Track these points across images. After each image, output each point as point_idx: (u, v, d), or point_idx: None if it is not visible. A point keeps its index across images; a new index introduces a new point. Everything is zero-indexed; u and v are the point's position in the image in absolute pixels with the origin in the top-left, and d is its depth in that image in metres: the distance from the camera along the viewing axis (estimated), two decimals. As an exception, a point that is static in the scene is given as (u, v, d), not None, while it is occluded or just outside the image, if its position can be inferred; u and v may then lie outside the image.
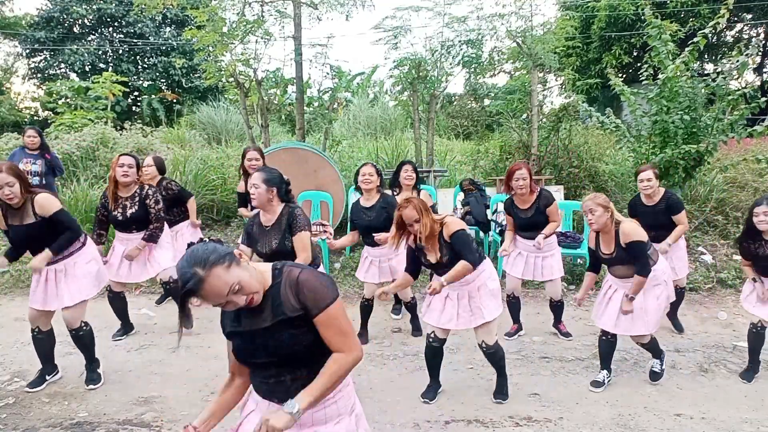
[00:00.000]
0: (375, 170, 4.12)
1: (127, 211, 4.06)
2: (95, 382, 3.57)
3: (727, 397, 3.47)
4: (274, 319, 1.60)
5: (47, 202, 3.25)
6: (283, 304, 1.59)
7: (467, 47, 7.29)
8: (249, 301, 1.56)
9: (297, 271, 1.62)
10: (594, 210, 3.25)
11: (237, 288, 1.52)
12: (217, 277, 1.48)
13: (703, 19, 12.81)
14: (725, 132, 5.78)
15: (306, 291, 1.58)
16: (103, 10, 20.48)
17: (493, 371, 3.43)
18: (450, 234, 3.05)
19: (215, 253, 1.51)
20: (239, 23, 7.12)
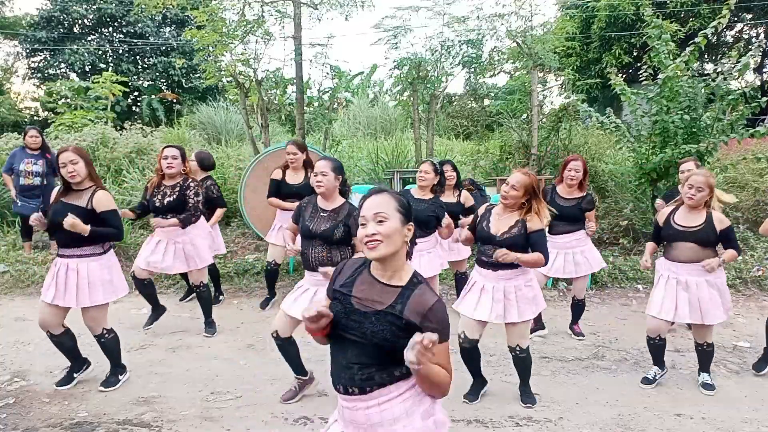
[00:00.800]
0: (433, 169, 4.16)
1: (165, 199, 4.11)
2: (109, 386, 3.53)
3: (727, 397, 3.47)
4: (390, 309, 1.63)
5: (106, 199, 3.31)
6: (407, 307, 1.63)
7: (467, 47, 7.30)
8: (373, 239, 1.61)
9: (434, 296, 1.66)
10: (702, 188, 3.28)
11: (382, 219, 1.63)
12: (385, 199, 1.66)
13: (703, 19, 12.80)
14: (725, 132, 5.78)
15: (433, 318, 1.62)
16: (103, 10, 20.47)
17: (494, 371, 3.43)
18: (534, 229, 3.09)
19: (404, 198, 1.72)
20: (239, 23, 7.12)
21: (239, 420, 3.17)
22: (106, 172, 7.98)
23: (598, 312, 5.19)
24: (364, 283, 1.70)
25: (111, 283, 3.44)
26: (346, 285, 1.73)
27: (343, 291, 1.71)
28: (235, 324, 4.77)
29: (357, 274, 1.74)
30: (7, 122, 19.09)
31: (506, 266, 3.15)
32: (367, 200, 1.68)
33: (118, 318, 4.63)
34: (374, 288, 1.68)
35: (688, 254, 3.36)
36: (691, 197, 3.30)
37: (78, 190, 3.29)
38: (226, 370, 3.85)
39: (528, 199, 3.11)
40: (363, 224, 1.65)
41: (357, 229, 2.81)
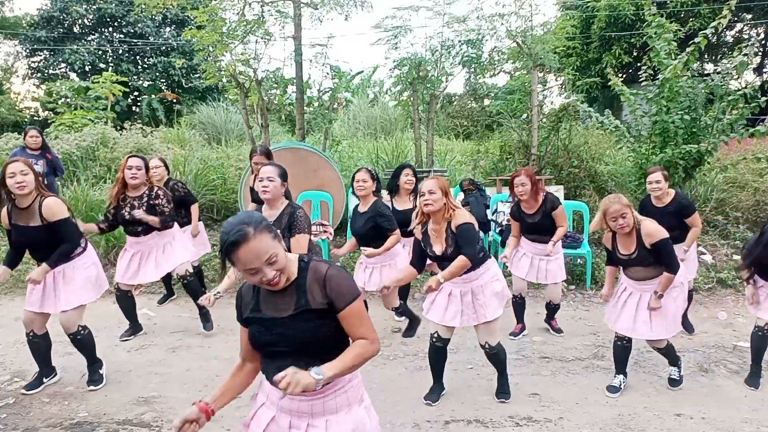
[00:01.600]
0: (370, 175, 4.04)
1: (134, 210, 4.04)
2: (97, 383, 3.56)
3: (727, 397, 3.47)
4: (298, 309, 1.65)
5: (56, 207, 3.20)
6: (309, 295, 1.65)
7: (467, 47, 7.29)
8: (275, 280, 1.60)
9: (324, 266, 1.68)
10: (626, 214, 3.19)
11: (274, 259, 1.57)
12: (261, 240, 1.55)
13: (703, 19, 12.80)
14: (725, 132, 5.78)
15: (333, 286, 1.65)
16: (103, 10, 20.47)
17: (494, 371, 3.42)
18: (457, 225, 3.02)
19: (266, 221, 1.61)
20: (239, 23, 7.12)
21: (239, 420, 3.15)
22: (106, 172, 7.97)
23: (598, 312, 5.18)
24: (267, 296, 1.71)
25: (97, 278, 3.49)
26: (254, 309, 1.73)
27: (255, 315, 1.73)
28: (235, 324, 4.73)
29: (256, 294, 1.74)
30: (7, 122, 19.09)
31: (469, 269, 3.10)
32: (240, 250, 1.53)
33: (118, 318, 4.62)
34: (275, 298, 1.70)
35: (641, 275, 3.36)
36: (621, 227, 3.22)
37: (25, 208, 3.17)
38: (226, 370, 3.81)
39: (447, 198, 3.05)
40: (253, 273, 1.57)
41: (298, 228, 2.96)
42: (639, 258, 3.28)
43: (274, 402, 1.76)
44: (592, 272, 5.70)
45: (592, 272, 5.72)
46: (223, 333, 4.53)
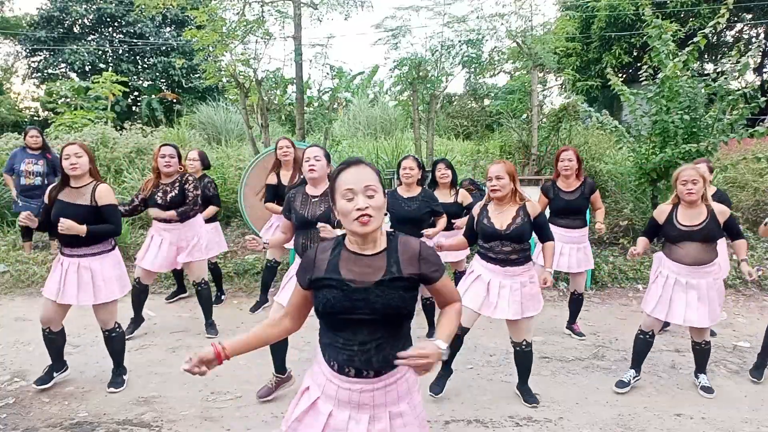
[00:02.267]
0: (416, 163, 4.11)
1: (167, 196, 4.13)
2: (117, 386, 3.52)
3: (727, 397, 3.47)
4: (389, 276, 1.63)
5: (109, 193, 3.33)
6: (401, 263, 1.65)
7: (467, 47, 7.29)
8: (365, 215, 1.58)
9: (416, 241, 1.71)
10: (697, 181, 3.22)
11: (372, 192, 1.60)
12: (369, 172, 1.63)
13: (703, 19, 12.80)
14: (725, 132, 5.78)
15: (428, 258, 1.68)
16: (103, 9, 20.47)
17: (494, 371, 3.42)
18: (537, 213, 3.16)
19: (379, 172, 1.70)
20: (239, 23, 7.12)
21: (239, 420, 3.17)
22: (106, 172, 7.98)
23: (598, 312, 5.19)
24: (349, 261, 1.66)
25: (122, 277, 3.50)
26: (331, 270, 1.66)
27: (333, 277, 1.65)
28: (235, 324, 4.77)
29: (335, 257, 1.68)
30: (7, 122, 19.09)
31: (514, 261, 3.15)
32: (347, 172, 1.62)
33: (120, 318, 4.62)
34: (361, 263, 1.66)
35: (694, 255, 3.28)
36: (690, 192, 3.22)
37: (76, 188, 3.27)
38: (226, 370, 3.83)
39: (513, 185, 3.13)
40: (350, 198, 1.59)
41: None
42: (706, 230, 3.23)
43: (330, 395, 1.69)
44: (592, 272, 5.70)
45: (592, 272, 5.72)
46: (223, 333, 4.53)
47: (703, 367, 3.59)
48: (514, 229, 3.09)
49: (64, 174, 3.25)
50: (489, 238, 3.19)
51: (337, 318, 1.65)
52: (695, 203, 3.27)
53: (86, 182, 3.30)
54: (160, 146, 4.19)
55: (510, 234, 3.10)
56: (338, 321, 1.65)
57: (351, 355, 1.65)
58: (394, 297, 1.62)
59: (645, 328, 3.53)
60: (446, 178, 4.50)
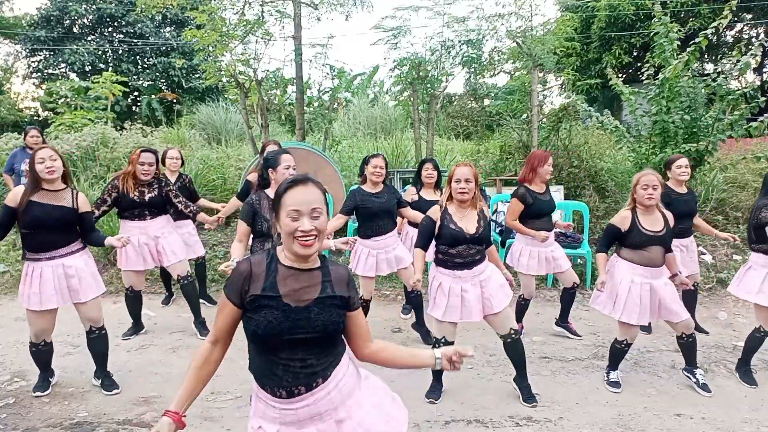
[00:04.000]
0: (385, 163, 4.15)
1: (145, 196, 4.10)
2: (111, 388, 3.50)
3: (727, 397, 3.47)
4: (324, 293, 1.65)
5: (87, 201, 3.38)
6: (334, 283, 1.68)
7: (467, 47, 7.29)
8: (309, 238, 1.59)
9: (343, 266, 1.77)
10: (657, 186, 3.29)
11: (317, 214, 1.62)
12: (315, 192, 1.64)
13: (704, 19, 12.79)
14: (725, 132, 5.78)
15: (353, 285, 1.76)
16: (103, 9, 20.47)
17: (494, 371, 3.42)
18: (488, 216, 3.25)
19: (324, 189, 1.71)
20: (239, 23, 7.12)
21: (239, 420, 3.17)
22: (106, 172, 7.97)
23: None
24: (287, 278, 1.63)
25: (99, 273, 3.53)
26: (269, 288, 1.61)
27: (272, 295, 1.60)
28: (235, 324, 4.76)
29: (273, 272, 1.64)
30: (7, 122, 19.09)
31: (479, 261, 3.20)
32: (294, 190, 1.60)
33: (118, 318, 4.63)
34: (300, 279, 1.64)
35: (659, 258, 3.38)
36: (650, 196, 3.29)
37: (52, 191, 3.22)
38: (226, 370, 3.83)
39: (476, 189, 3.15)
40: (294, 218, 1.58)
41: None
42: (667, 235, 3.35)
43: (291, 420, 1.64)
44: (592, 272, 5.70)
45: (592, 272, 5.72)
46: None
47: (693, 361, 3.57)
48: (482, 232, 3.14)
49: (36, 177, 3.15)
50: (456, 243, 3.15)
51: (276, 339, 1.59)
52: (651, 209, 3.35)
53: (62, 186, 3.27)
54: (141, 152, 4.04)
55: (478, 237, 3.13)
56: (275, 343, 1.60)
57: (294, 373, 1.61)
58: (332, 314, 1.65)
59: (620, 337, 3.52)
60: (431, 178, 4.68)
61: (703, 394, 3.49)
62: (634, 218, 3.38)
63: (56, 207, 3.20)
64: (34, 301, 3.21)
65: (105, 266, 6.02)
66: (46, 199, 3.19)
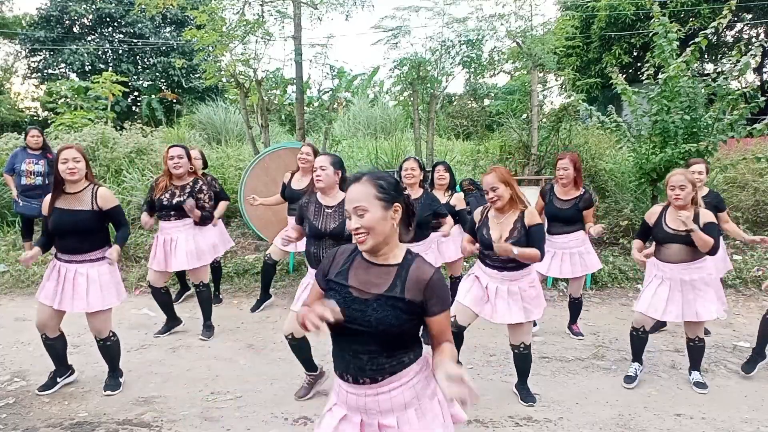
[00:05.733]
0: (418, 164, 4.13)
1: (174, 198, 4.09)
2: (113, 389, 3.50)
3: (727, 397, 3.47)
4: (390, 292, 1.62)
5: (110, 195, 3.30)
6: (407, 285, 1.63)
7: (467, 47, 7.29)
8: (359, 235, 1.60)
9: (431, 269, 1.66)
10: (685, 186, 3.27)
11: (361, 212, 1.60)
12: (362, 190, 1.62)
13: (704, 19, 12.80)
14: (725, 132, 5.78)
15: (436, 290, 1.63)
16: (103, 9, 20.47)
17: (494, 371, 3.42)
18: (533, 223, 3.09)
19: (386, 182, 1.65)
20: (239, 23, 7.12)
21: (239, 420, 3.17)
22: (106, 172, 7.97)
23: (598, 312, 5.19)
24: (359, 268, 1.69)
25: (118, 284, 3.46)
26: (341, 274, 1.70)
27: (339, 281, 1.69)
28: (235, 324, 4.77)
29: (350, 261, 1.72)
30: (7, 122, 19.08)
31: (512, 267, 3.16)
32: (348, 191, 1.67)
33: (118, 318, 4.62)
34: (370, 271, 1.67)
35: (679, 255, 3.38)
36: (677, 197, 3.30)
37: (73, 193, 3.23)
38: (226, 370, 3.84)
39: (511, 191, 3.11)
40: (348, 217, 1.65)
41: None
42: (689, 236, 3.28)
43: (343, 401, 1.72)
44: (592, 272, 5.70)
45: (592, 272, 5.71)
46: (223, 333, 4.54)
47: (697, 365, 3.60)
48: (511, 242, 3.08)
49: (59, 179, 3.18)
50: (487, 248, 3.21)
51: (335, 325, 1.64)
52: (682, 208, 3.34)
53: (83, 186, 3.26)
54: (169, 147, 4.14)
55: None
56: (337, 327, 1.64)
57: (346, 361, 1.68)
58: (389, 315, 1.60)
59: (636, 324, 3.59)
60: (443, 180, 4.61)
61: (698, 391, 3.50)
62: (662, 214, 3.45)
63: (73, 212, 3.18)
64: (48, 295, 3.29)
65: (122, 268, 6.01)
66: (66, 204, 3.21)
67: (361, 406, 1.68)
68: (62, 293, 3.26)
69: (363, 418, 1.70)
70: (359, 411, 1.70)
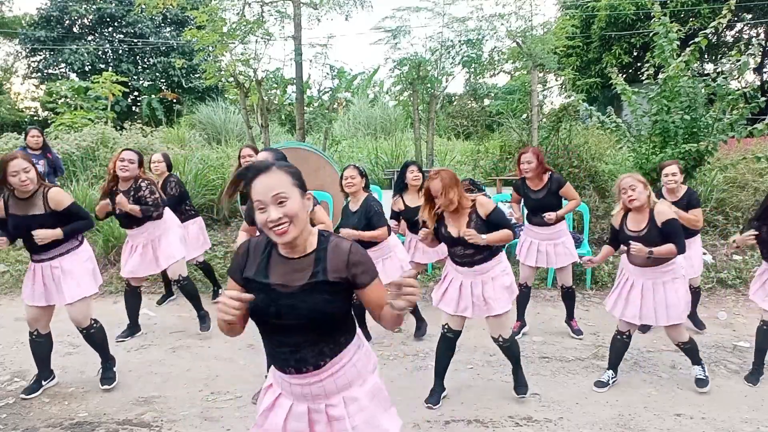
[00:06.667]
0: (358, 172, 4.05)
1: (117, 197, 4.03)
2: (110, 382, 3.52)
3: (727, 397, 3.47)
4: (313, 279, 1.59)
5: (61, 196, 3.25)
6: (328, 267, 1.59)
7: (467, 47, 7.29)
8: (281, 226, 1.51)
9: (347, 243, 1.63)
10: (635, 186, 3.27)
11: (282, 200, 1.51)
12: (277, 177, 1.53)
13: (704, 19, 12.80)
14: (725, 132, 5.78)
15: (358, 261, 1.60)
16: (103, 9, 20.48)
17: (494, 371, 3.42)
18: (488, 212, 3.10)
19: (296, 170, 1.59)
20: (239, 23, 7.12)
21: (239, 420, 3.17)
22: (106, 172, 7.97)
23: (598, 312, 5.19)
24: (278, 263, 1.63)
25: (94, 272, 3.47)
26: (260, 272, 1.63)
27: (260, 280, 1.62)
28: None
29: (267, 256, 1.65)
30: (7, 122, 19.10)
31: (480, 260, 3.16)
32: (256, 181, 1.53)
33: (118, 318, 4.62)
34: (289, 264, 1.62)
35: (642, 258, 3.33)
36: (631, 198, 3.28)
37: (23, 199, 3.19)
38: (226, 370, 3.85)
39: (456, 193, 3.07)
40: (261, 209, 1.52)
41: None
42: (648, 236, 3.27)
43: (287, 391, 1.71)
44: (592, 272, 5.70)
45: (592, 272, 5.72)
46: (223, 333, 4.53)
47: (696, 360, 3.58)
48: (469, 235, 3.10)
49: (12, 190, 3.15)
50: (450, 245, 3.23)
51: (266, 323, 1.63)
52: (639, 209, 3.33)
53: (32, 192, 3.20)
54: (121, 150, 4.12)
55: (465, 239, 3.10)
56: (268, 327, 1.63)
57: (284, 355, 1.65)
58: (319, 301, 1.57)
59: (621, 328, 3.57)
60: (417, 181, 4.49)
61: (698, 389, 3.49)
62: (624, 217, 3.45)
63: (26, 218, 3.17)
64: (26, 294, 3.35)
65: (105, 266, 6.02)
66: (19, 210, 3.18)
67: (307, 394, 1.67)
68: (45, 289, 3.28)
69: (309, 406, 1.68)
70: (305, 399, 1.68)
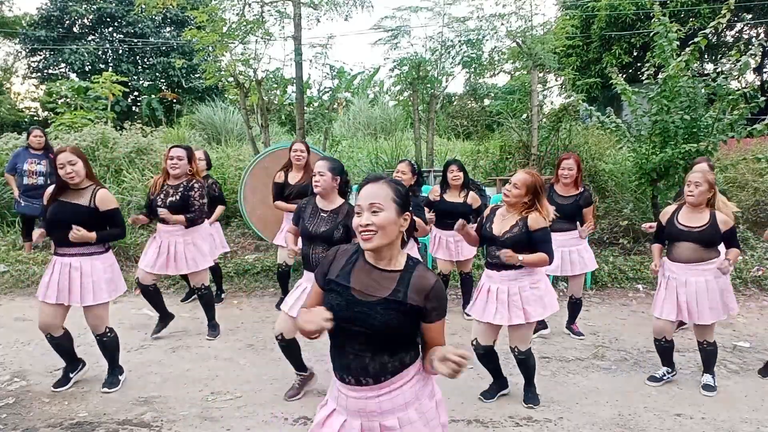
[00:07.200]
0: (410, 168, 4.16)
1: (167, 198, 4.06)
2: (112, 386, 3.51)
3: (727, 397, 3.47)
4: (394, 296, 1.64)
5: (109, 198, 3.32)
6: (409, 290, 1.64)
7: (467, 47, 7.29)
8: (367, 232, 1.60)
9: (433, 276, 1.69)
10: (700, 184, 3.28)
11: (376, 209, 1.61)
12: (380, 190, 1.64)
13: (704, 19, 12.80)
14: (725, 132, 5.78)
15: (436, 297, 1.66)
16: (103, 9, 20.48)
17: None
18: (536, 228, 3.06)
19: (403, 189, 1.70)
20: (239, 23, 7.12)
21: (239, 420, 3.17)
22: (106, 172, 7.97)
23: (598, 312, 5.19)
24: (362, 271, 1.69)
25: (113, 281, 3.45)
26: (343, 276, 1.70)
27: (341, 282, 1.69)
28: (235, 324, 4.77)
29: (352, 262, 1.72)
30: (7, 122, 19.09)
31: (510, 267, 3.14)
32: (363, 188, 1.66)
33: (119, 318, 4.63)
34: (372, 275, 1.68)
35: (688, 254, 3.36)
36: (690, 193, 3.31)
37: (76, 189, 3.27)
38: (226, 370, 3.85)
39: (531, 198, 3.10)
40: (358, 213, 1.63)
41: None
42: (705, 234, 3.29)
43: (343, 406, 1.72)
44: (592, 273, 5.70)
45: (593, 273, 5.72)
46: (223, 333, 4.53)
47: (710, 368, 3.58)
48: (509, 237, 3.08)
49: (62, 181, 3.22)
50: (487, 242, 3.23)
51: (337, 325, 1.64)
52: (695, 206, 3.33)
53: (86, 185, 3.30)
54: (170, 147, 4.15)
55: (504, 241, 3.09)
56: (338, 328, 1.65)
57: (347, 361, 1.68)
58: (393, 318, 1.62)
59: (657, 335, 3.56)
60: (458, 180, 4.58)
61: (704, 393, 3.49)
62: (675, 211, 3.45)
63: (71, 205, 3.23)
64: (40, 291, 3.33)
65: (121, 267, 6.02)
66: (66, 197, 3.25)
67: (362, 409, 1.68)
68: (58, 289, 3.27)
69: (363, 423, 1.69)
70: (359, 415, 1.70)
